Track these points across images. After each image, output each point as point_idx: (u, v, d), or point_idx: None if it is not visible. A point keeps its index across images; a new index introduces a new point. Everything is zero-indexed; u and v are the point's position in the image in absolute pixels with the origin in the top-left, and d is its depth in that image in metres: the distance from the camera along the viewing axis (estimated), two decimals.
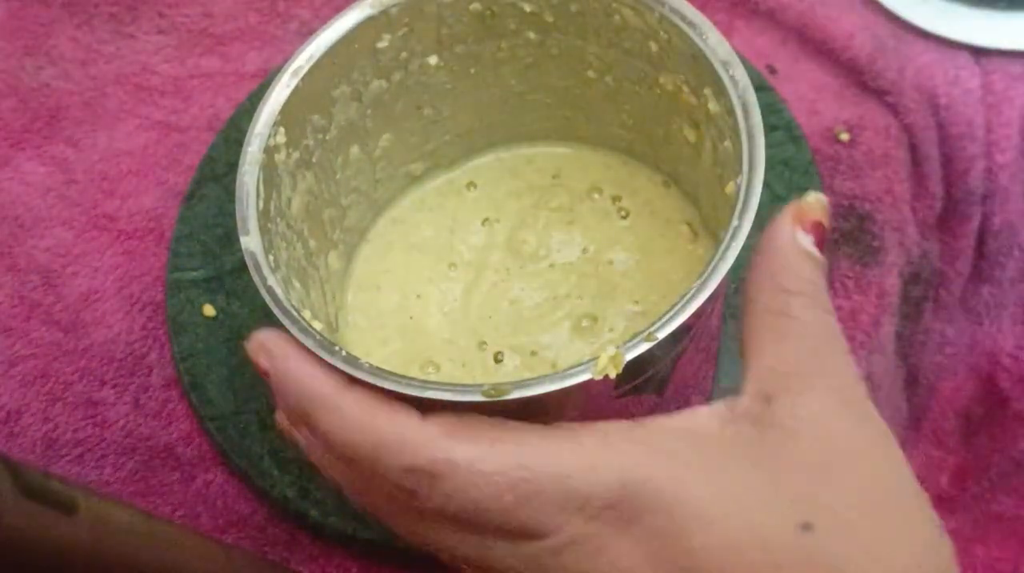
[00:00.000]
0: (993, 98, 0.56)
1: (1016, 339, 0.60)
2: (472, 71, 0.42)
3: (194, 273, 0.51)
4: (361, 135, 0.41)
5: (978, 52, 0.56)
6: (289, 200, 0.38)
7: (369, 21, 0.38)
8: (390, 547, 0.44)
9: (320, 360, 0.32)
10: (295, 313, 0.33)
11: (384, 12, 0.38)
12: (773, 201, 0.48)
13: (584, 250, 0.42)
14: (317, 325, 0.33)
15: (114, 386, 0.50)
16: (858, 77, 0.55)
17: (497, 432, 0.30)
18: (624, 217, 0.43)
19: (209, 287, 0.50)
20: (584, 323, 0.40)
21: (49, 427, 0.49)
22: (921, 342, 0.58)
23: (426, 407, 0.31)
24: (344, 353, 0.31)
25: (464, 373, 0.41)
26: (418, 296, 0.42)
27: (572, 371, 0.30)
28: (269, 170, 0.37)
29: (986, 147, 0.56)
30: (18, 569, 0.27)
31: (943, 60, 0.56)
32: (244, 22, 0.59)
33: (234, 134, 0.54)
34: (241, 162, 0.36)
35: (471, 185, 0.44)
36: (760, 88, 0.34)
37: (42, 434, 0.49)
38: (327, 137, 0.40)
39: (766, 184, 0.33)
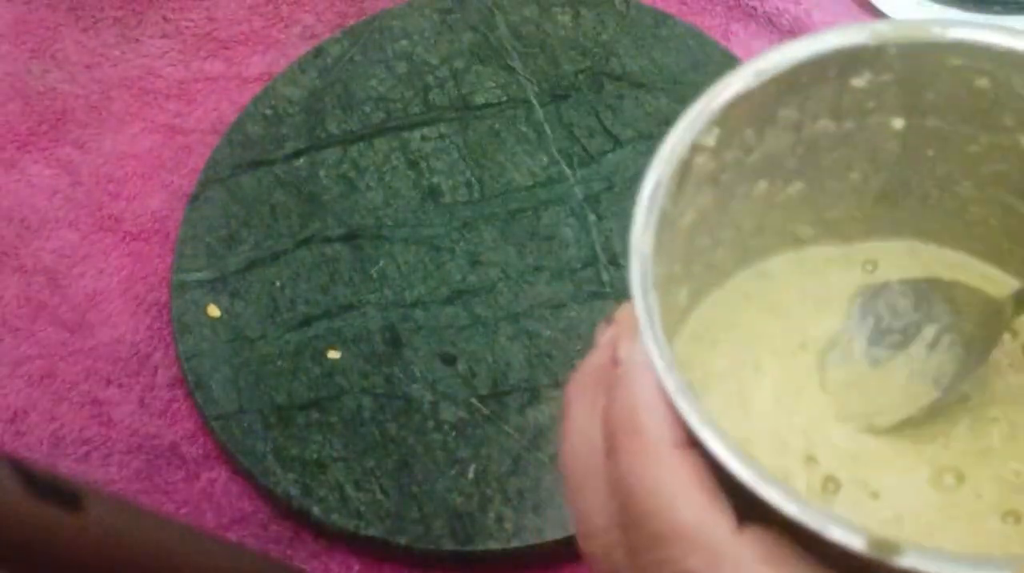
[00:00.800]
0: None
1: None
2: (929, 153, 0.33)
3: (199, 274, 0.51)
4: (776, 172, 0.34)
5: None
6: (679, 213, 0.31)
7: (858, 50, 0.30)
8: (392, 545, 0.45)
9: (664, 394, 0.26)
10: (663, 339, 0.26)
11: (880, 47, 0.30)
12: None
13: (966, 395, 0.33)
14: None
15: (119, 386, 0.50)
16: None
17: None
18: None
19: (213, 288, 0.51)
20: (947, 480, 0.32)
21: (55, 426, 0.49)
22: None
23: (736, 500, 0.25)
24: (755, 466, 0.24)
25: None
26: (756, 368, 0.34)
27: (987, 563, 0.23)
28: (685, 168, 0.30)
29: None
30: (25, 566, 0.28)
31: None
32: (248, 26, 0.60)
33: (238, 137, 0.55)
34: (664, 146, 0.29)
35: (869, 263, 0.36)
36: None
37: (48, 433, 0.49)
38: (747, 159, 0.32)
39: None
